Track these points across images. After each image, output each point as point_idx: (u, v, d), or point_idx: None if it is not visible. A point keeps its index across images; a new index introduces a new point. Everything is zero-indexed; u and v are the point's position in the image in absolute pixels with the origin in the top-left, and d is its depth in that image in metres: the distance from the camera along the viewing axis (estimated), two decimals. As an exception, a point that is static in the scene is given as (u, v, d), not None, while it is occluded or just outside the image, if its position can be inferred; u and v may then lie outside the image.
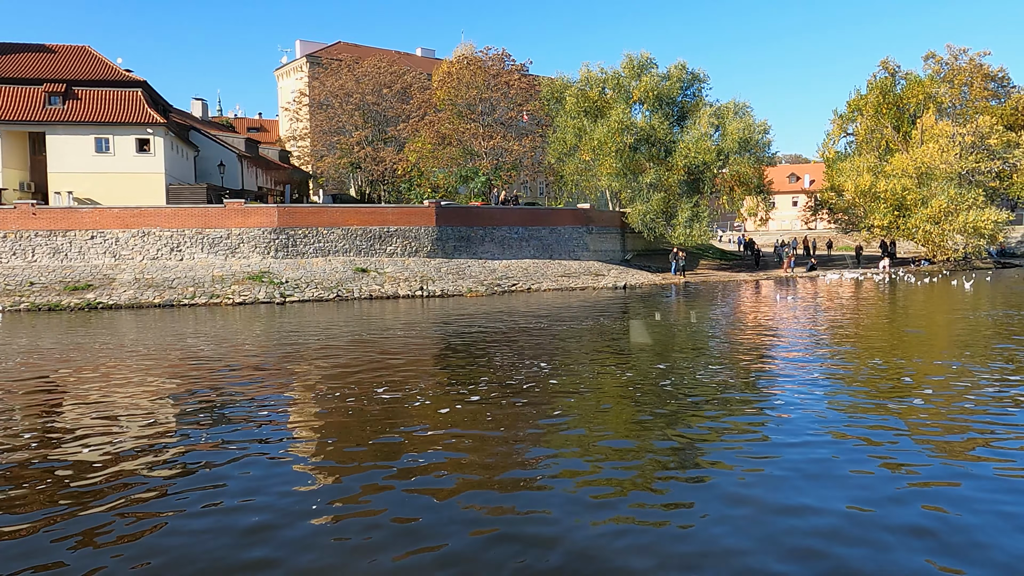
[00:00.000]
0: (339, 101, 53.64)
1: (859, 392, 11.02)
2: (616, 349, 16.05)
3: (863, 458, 7.77)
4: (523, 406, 10.40)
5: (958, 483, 7.00)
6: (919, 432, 8.76)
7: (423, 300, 30.82)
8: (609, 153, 42.52)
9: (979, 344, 15.74)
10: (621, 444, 8.58)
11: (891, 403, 10.20)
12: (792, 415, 9.56)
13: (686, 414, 9.75)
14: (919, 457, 7.83)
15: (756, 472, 7.38)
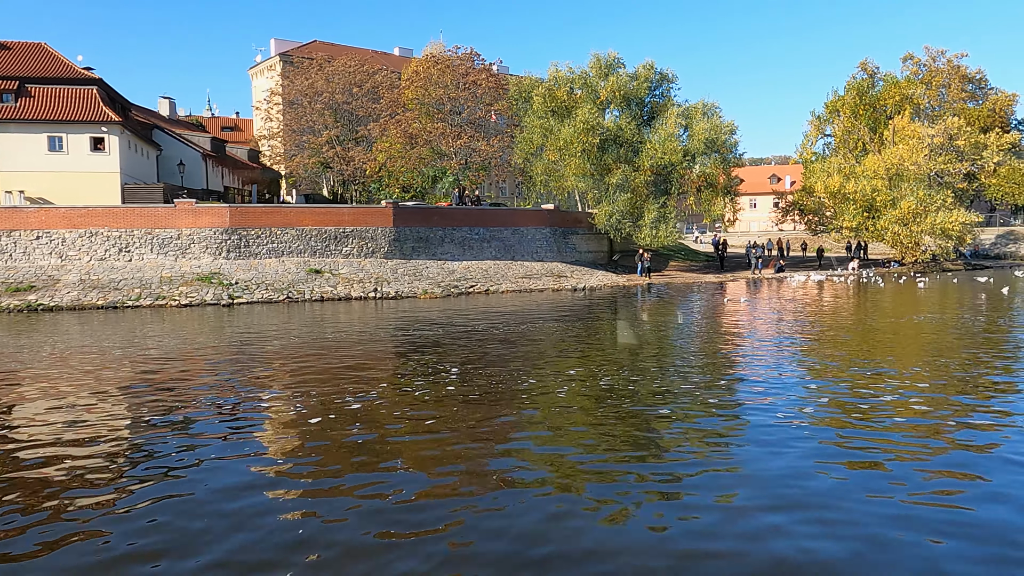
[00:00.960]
0: (308, 100, 53.15)
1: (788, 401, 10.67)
2: (532, 355, 15.66)
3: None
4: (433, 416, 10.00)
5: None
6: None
7: (376, 302, 30.39)
8: (575, 153, 42.14)
9: (877, 350, 15.45)
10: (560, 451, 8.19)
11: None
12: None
13: (637, 422, 9.37)
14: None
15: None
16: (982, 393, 11.04)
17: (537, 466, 7.91)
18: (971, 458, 7.90)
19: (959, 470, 7.52)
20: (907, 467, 7.61)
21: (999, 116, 75.14)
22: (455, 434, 9.14)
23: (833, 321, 21.58)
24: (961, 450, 8.18)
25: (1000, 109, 75.04)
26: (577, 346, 16.68)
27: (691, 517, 6.45)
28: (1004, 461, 7.79)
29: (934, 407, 10.07)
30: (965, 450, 8.17)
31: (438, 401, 10.96)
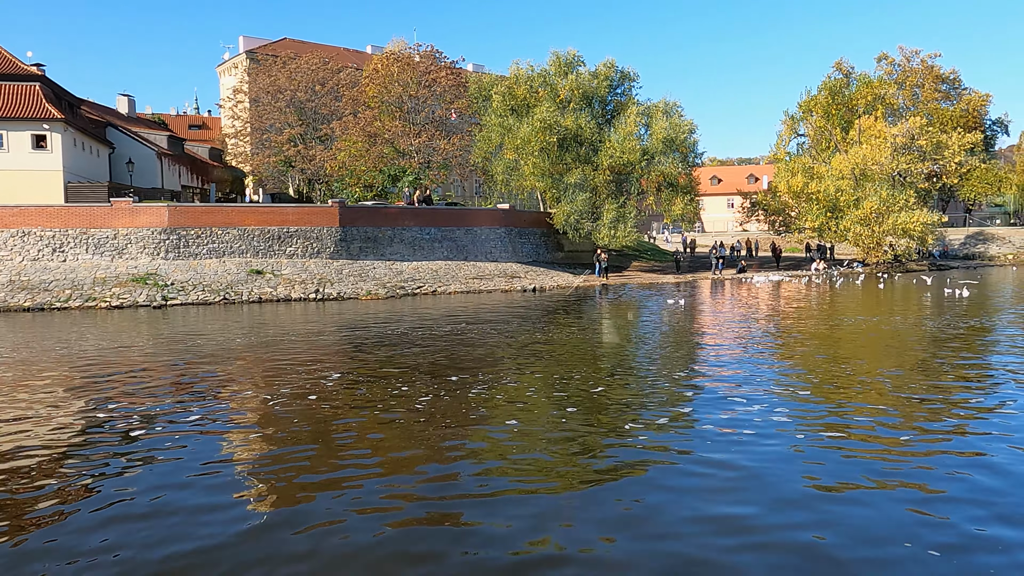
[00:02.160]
0: (270, 98, 52.48)
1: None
2: (437, 364, 15.10)
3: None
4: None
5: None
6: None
7: (317, 303, 29.80)
8: (532, 152, 41.63)
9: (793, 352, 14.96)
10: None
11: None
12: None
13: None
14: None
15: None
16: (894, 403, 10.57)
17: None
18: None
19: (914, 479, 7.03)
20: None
21: (972, 116, 75.07)
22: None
23: (743, 328, 21.11)
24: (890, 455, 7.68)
25: (974, 109, 74.97)
26: (488, 352, 16.13)
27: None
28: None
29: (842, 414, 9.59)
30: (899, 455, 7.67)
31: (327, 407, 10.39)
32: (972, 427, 9.08)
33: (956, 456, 7.96)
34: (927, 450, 8.18)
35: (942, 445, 8.37)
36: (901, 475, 7.33)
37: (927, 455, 8.02)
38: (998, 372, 12.72)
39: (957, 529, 6.11)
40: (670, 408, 10.28)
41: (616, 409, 10.28)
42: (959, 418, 9.55)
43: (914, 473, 7.40)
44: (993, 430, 8.89)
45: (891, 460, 7.82)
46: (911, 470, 7.49)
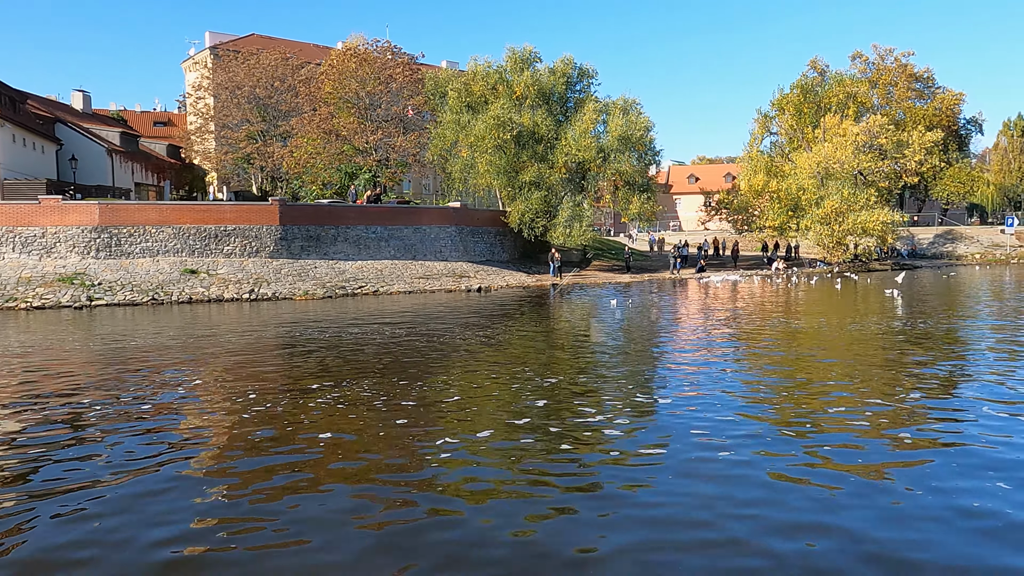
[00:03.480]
0: (228, 94, 51.72)
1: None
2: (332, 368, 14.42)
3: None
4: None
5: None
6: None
7: (250, 304, 29.12)
8: (487, 149, 41.01)
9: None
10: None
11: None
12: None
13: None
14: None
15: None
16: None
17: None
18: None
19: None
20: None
21: (946, 114, 74.87)
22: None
23: (653, 330, 20.52)
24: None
25: (947, 108, 74.78)
26: (398, 357, 15.47)
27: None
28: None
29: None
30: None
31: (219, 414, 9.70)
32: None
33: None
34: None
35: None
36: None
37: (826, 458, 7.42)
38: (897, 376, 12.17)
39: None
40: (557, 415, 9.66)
41: (506, 430, 9.65)
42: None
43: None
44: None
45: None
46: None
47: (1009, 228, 57.11)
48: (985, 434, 8.38)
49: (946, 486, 6.70)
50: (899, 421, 9.10)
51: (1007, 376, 11.73)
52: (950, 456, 7.61)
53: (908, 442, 8.15)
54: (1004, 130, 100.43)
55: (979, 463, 7.37)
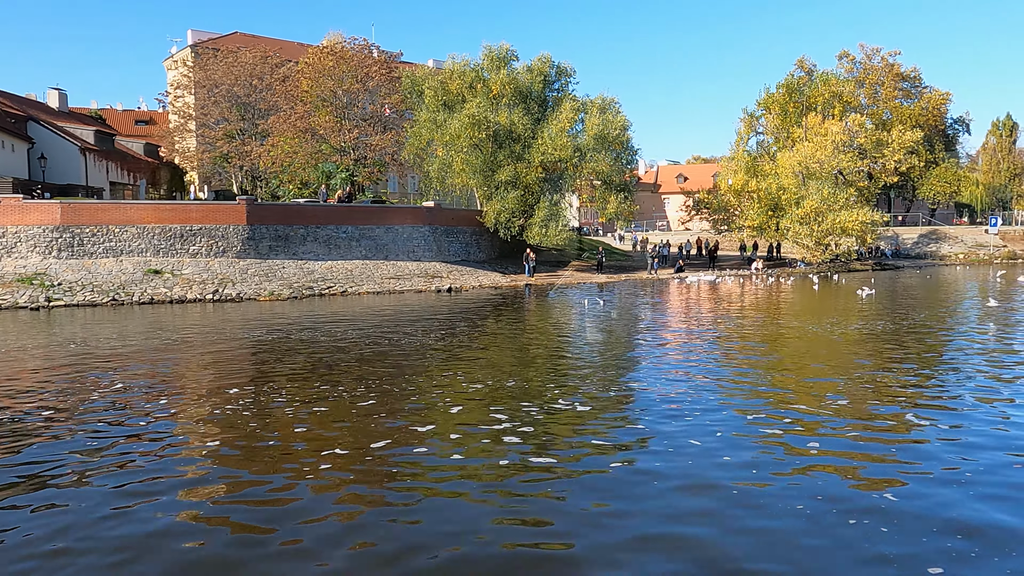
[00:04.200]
0: (206, 92, 51.33)
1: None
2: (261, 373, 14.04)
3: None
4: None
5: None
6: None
7: (213, 304, 28.71)
8: (462, 148, 40.63)
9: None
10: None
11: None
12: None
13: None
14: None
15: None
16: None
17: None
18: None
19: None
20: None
21: (932, 114, 74.66)
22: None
23: (613, 331, 20.17)
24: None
25: (933, 107, 74.58)
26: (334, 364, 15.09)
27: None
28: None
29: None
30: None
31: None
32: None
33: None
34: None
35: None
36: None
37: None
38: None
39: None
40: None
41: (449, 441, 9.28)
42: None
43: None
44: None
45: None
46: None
47: (993, 228, 56.89)
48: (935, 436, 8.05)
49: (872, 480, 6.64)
50: (813, 427, 8.77)
51: (951, 375, 11.41)
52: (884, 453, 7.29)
53: (815, 452, 7.82)
54: (993, 130, 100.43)
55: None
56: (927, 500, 6.47)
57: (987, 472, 7.18)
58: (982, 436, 8.41)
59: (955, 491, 6.68)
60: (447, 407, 10.26)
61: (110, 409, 10.54)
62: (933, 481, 6.95)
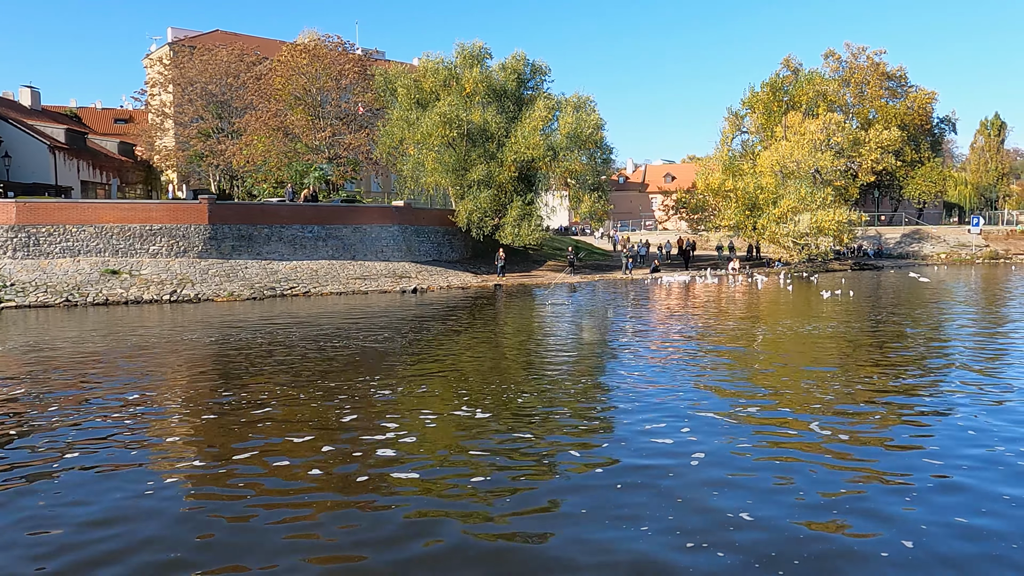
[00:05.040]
0: (181, 91, 50.86)
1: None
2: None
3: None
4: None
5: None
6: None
7: (170, 305, 28.27)
8: (433, 147, 40.22)
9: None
10: None
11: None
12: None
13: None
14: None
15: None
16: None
17: None
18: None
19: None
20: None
21: (918, 113, 74.35)
22: None
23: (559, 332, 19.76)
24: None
25: (919, 106, 74.28)
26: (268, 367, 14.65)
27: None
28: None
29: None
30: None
31: None
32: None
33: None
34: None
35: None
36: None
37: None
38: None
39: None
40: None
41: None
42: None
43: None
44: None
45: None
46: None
47: (975, 228, 56.60)
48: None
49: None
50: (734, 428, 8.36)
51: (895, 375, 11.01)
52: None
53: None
54: (981, 129, 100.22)
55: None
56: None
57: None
58: (876, 434, 8.02)
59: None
60: (327, 426, 9.84)
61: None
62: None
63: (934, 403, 10.12)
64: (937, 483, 6.95)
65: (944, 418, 9.28)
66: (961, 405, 9.89)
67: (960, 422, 9.03)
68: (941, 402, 10.17)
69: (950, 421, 9.12)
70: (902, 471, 7.26)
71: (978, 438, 8.34)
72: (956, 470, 7.27)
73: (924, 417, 9.36)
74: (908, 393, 10.76)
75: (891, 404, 10.08)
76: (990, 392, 10.65)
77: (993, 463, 7.48)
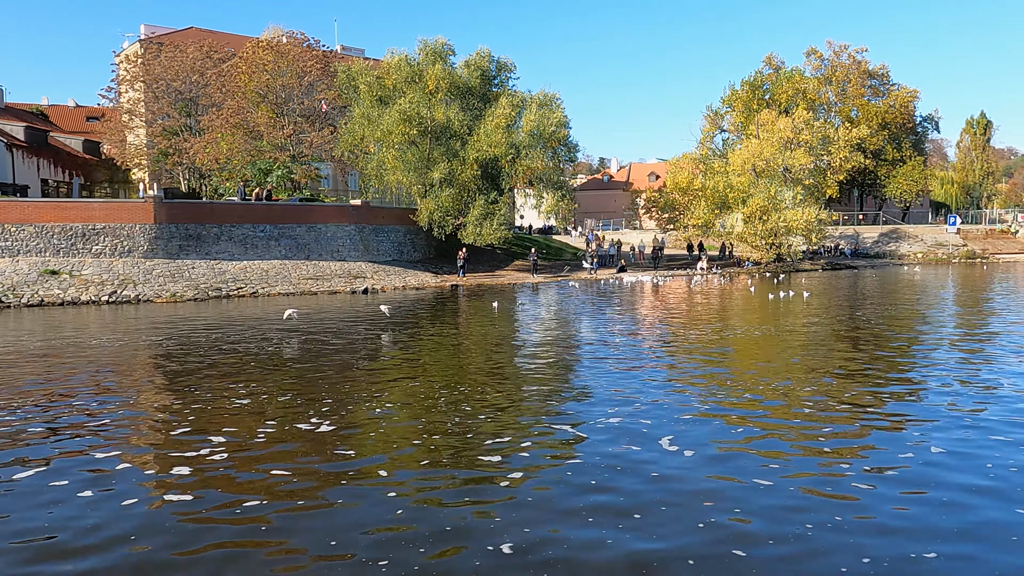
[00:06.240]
0: (146, 87, 50.18)
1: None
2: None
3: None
4: None
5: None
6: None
7: (108, 306, 27.63)
8: (394, 145, 39.58)
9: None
10: None
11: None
12: None
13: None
14: None
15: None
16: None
17: None
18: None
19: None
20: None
21: (900, 111, 73.78)
22: None
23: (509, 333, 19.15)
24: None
25: (901, 105, 73.72)
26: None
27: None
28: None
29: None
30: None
31: None
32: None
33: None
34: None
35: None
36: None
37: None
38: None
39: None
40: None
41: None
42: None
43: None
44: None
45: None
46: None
47: (951, 227, 56.09)
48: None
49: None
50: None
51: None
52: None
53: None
54: (967, 128, 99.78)
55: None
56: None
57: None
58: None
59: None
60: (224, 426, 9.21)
61: None
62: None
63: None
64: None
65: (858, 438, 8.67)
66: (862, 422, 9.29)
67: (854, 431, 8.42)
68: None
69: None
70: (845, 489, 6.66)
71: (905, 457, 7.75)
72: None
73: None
74: (796, 415, 10.16)
75: (803, 425, 9.48)
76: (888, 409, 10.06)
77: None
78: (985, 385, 10.99)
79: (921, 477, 6.96)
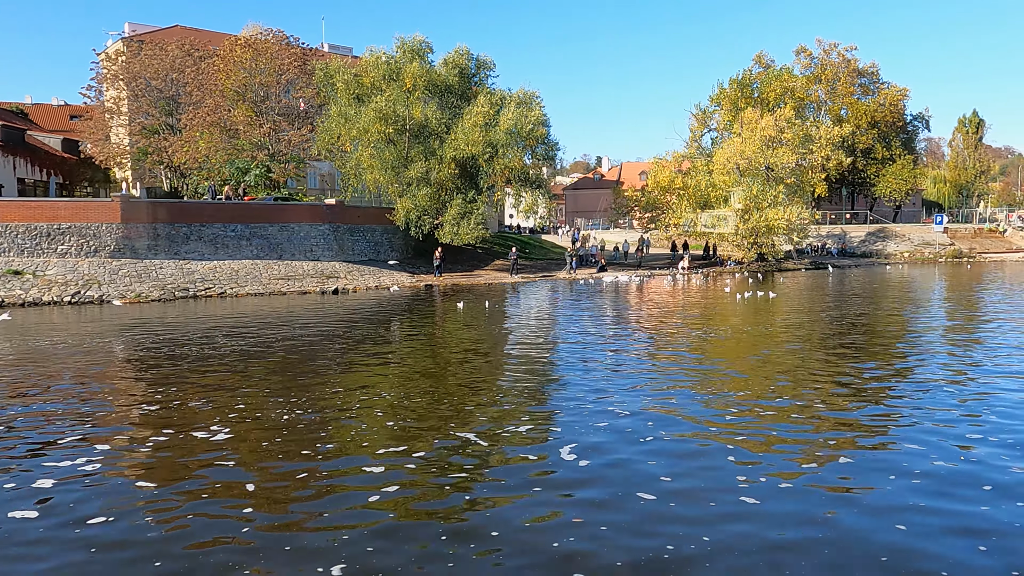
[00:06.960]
0: (125, 85, 49.76)
1: None
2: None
3: None
4: None
5: None
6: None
7: (70, 307, 27.23)
8: (370, 143, 39.16)
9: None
10: None
11: None
12: None
13: None
14: None
15: None
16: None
17: None
18: None
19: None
20: None
21: (890, 110, 73.39)
22: None
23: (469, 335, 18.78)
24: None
25: (891, 103, 73.32)
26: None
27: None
28: None
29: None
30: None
31: None
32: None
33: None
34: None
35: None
36: None
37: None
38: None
39: None
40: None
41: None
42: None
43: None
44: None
45: None
46: None
47: (938, 227, 55.75)
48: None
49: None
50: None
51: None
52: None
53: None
54: (959, 127, 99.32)
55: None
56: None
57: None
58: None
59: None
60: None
61: None
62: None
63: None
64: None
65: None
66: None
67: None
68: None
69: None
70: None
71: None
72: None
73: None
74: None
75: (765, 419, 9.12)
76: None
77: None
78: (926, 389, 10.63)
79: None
